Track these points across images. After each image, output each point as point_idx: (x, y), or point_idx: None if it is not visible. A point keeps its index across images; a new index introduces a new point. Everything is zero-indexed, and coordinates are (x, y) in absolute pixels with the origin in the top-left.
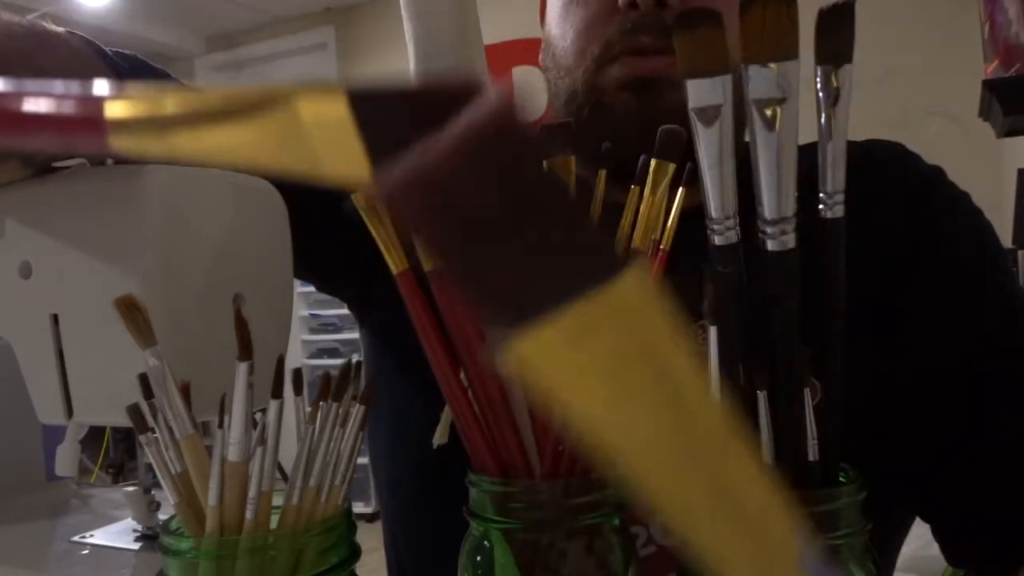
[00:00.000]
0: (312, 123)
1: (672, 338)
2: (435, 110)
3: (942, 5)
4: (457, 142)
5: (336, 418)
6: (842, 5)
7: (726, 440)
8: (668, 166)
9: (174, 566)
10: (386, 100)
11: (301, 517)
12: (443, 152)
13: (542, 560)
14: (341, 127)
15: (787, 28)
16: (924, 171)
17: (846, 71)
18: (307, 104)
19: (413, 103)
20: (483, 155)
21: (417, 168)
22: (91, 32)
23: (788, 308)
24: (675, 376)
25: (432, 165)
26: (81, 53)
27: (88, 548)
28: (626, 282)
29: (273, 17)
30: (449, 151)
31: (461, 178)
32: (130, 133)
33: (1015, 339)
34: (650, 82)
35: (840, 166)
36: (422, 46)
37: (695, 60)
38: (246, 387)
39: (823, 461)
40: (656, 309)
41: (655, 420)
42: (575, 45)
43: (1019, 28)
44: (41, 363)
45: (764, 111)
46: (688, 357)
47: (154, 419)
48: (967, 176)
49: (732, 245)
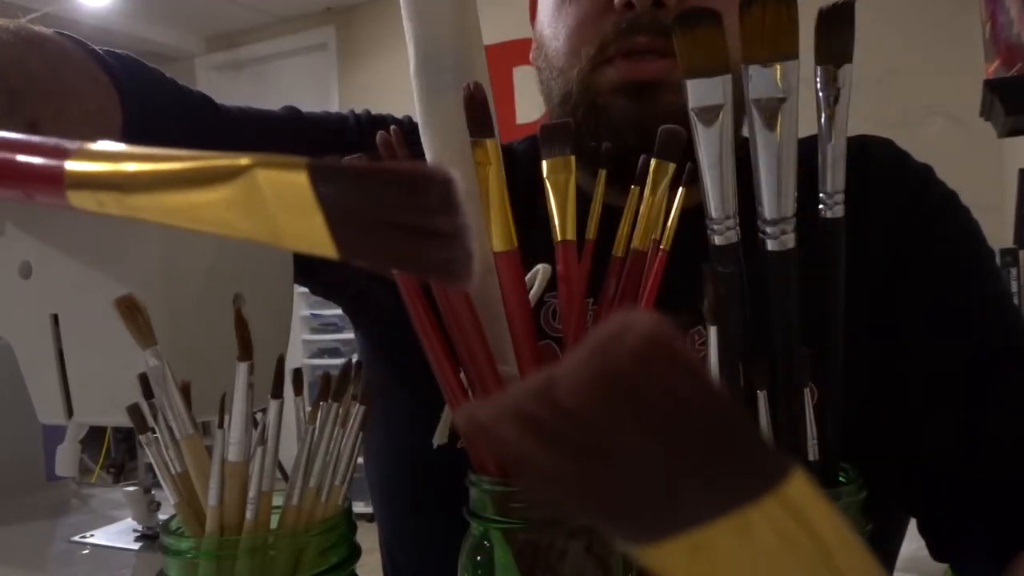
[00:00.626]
0: (272, 193)
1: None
2: (395, 191)
3: (942, 5)
4: (596, 382)
5: (336, 418)
6: (842, 5)
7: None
8: (668, 166)
9: (174, 566)
10: (345, 176)
11: (301, 517)
12: (580, 390)
13: (542, 560)
14: (301, 198)
15: (787, 28)
16: (918, 170)
17: (846, 71)
18: (267, 174)
19: (373, 182)
20: (630, 396)
21: (550, 401)
22: (91, 32)
23: (788, 308)
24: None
25: (570, 401)
26: (73, 55)
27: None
28: (792, 488)
29: (273, 17)
30: (588, 390)
31: (605, 418)
32: (89, 191)
33: (1006, 339)
34: (647, 86)
35: (840, 166)
36: (422, 46)
37: (695, 60)
38: (246, 387)
39: (823, 461)
40: (823, 514)
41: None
42: (568, 45)
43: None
44: (41, 363)
45: (764, 111)
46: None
47: (154, 419)
48: (968, 176)
49: (732, 245)
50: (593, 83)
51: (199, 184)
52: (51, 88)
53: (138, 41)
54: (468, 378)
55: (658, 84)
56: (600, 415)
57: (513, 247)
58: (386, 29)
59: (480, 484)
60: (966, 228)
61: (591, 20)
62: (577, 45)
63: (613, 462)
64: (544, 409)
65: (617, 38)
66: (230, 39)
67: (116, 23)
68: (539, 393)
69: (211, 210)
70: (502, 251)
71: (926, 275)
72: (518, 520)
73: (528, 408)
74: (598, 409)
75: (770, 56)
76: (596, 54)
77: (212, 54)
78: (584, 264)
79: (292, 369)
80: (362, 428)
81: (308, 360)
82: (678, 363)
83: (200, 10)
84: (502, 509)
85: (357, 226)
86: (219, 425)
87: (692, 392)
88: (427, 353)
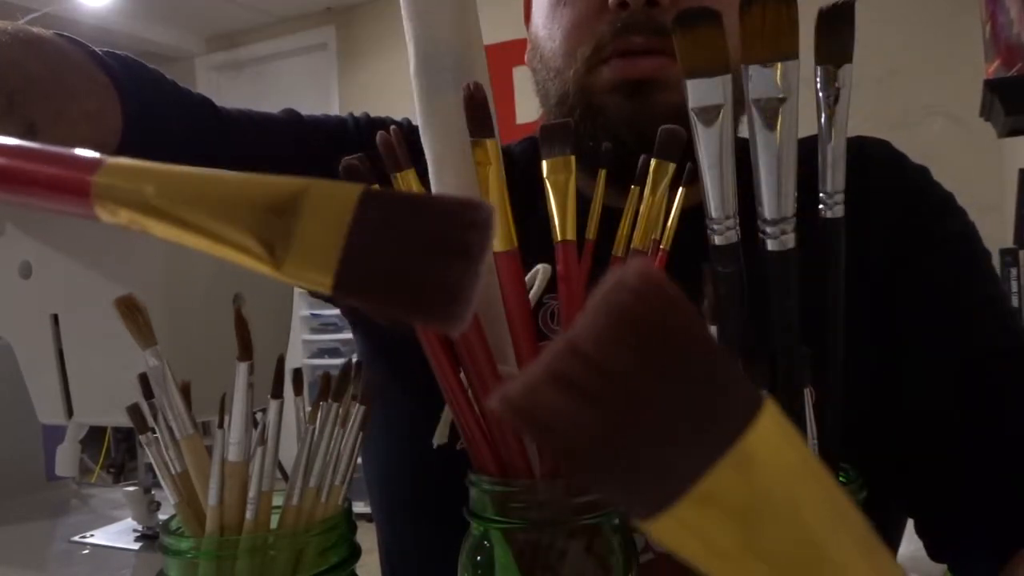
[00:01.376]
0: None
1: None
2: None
3: (942, 5)
4: (606, 322)
5: (336, 418)
6: (842, 5)
7: None
8: (668, 166)
9: (174, 566)
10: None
11: (301, 517)
12: (595, 333)
13: (542, 560)
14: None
15: (787, 28)
16: (916, 172)
17: (846, 71)
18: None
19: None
20: (634, 330)
21: (569, 350)
22: (91, 32)
23: (788, 308)
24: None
25: (586, 345)
26: (72, 56)
27: (88, 548)
28: (761, 427)
29: (273, 17)
30: (602, 330)
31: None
32: (115, 209)
33: (1003, 340)
34: (642, 85)
35: (840, 166)
36: (422, 46)
37: (695, 60)
38: (246, 387)
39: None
40: (793, 448)
41: None
42: (564, 46)
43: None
44: (41, 363)
45: (764, 111)
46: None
47: (154, 419)
48: (968, 176)
49: (732, 245)
50: (589, 83)
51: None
52: (50, 89)
53: (138, 41)
54: (468, 378)
55: (653, 82)
56: (621, 358)
57: (513, 247)
58: (386, 29)
59: (480, 484)
60: (963, 230)
61: (586, 21)
62: (573, 46)
63: (635, 413)
64: (575, 365)
65: (613, 38)
66: (230, 39)
67: (116, 23)
68: (566, 351)
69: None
70: (502, 251)
71: (924, 276)
72: (518, 520)
73: (560, 367)
74: (619, 352)
75: (770, 56)
76: (592, 55)
77: (212, 54)
78: (584, 264)
79: (292, 369)
80: (362, 428)
81: (308, 360)
82: (669, 298)
83: (200, 10)
84: (502, 509)
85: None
86: (219, 425)
87: (680, 323)
88: (427, 353)
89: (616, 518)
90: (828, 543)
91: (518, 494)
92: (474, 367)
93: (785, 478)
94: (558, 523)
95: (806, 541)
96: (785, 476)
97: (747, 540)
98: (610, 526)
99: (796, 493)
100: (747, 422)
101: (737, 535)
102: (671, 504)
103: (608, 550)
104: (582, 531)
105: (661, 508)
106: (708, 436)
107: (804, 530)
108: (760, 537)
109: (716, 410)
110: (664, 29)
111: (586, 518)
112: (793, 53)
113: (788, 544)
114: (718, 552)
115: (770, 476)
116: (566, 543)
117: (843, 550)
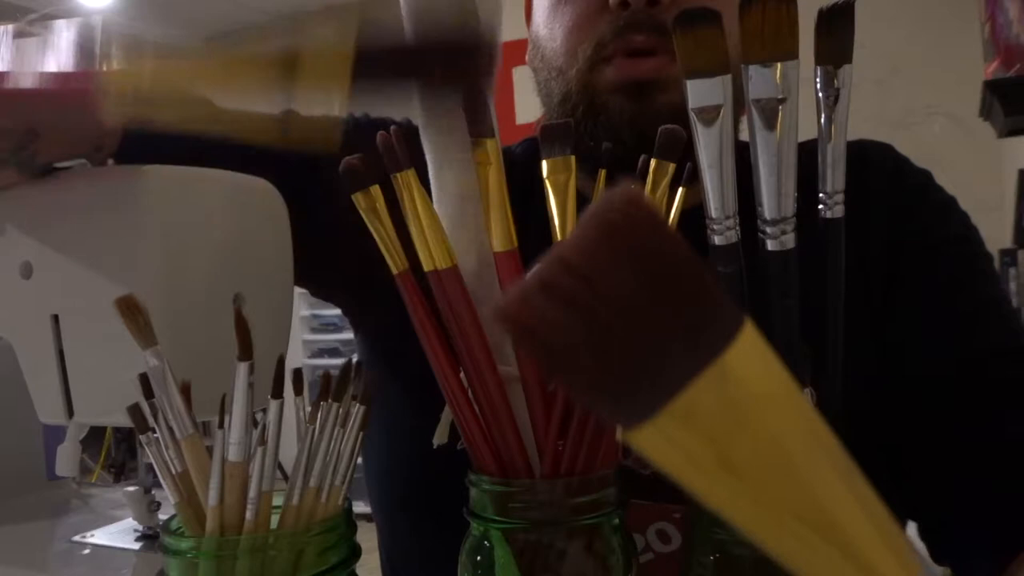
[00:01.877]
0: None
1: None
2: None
3: (942, 5)
4: (594, 234)
5: (336, 418)
6: (842, 5)
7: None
8: (668, 166)
9: (174, 566)
10: None
11: (301, 517)
12: (584, 245)
13: (542, 560)
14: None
15: (787, 28)
16: (918, 175)
17: (846, 71)
18: None
19: None
20: (619, 241)
21: (560, 263)
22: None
23: (788, 308)
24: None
25: (575, 258)
26: None
27: (88, 548)
28: (741, 345)
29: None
30: (590, 241)
31: (604, 266)
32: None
33: (1004, 341)
34: (644, 85)
35: (840, 166)
36: None
37: (695, 60)
38: (246, 387)
39: None
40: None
41: None
42: (565, 45)
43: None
44: (41, 363)
45: (764, 111)
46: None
47: (154, 419)
48: (967, 176)
49: (732, 245)
50: (592, 82)
51: None
52: None
53: None
54: (468, 378)
55: (655, 83)
56: (606, 270)
57: (513, 247)
58: None
59: (480, 484)
60: (965, 233)
61: (587, 20)
62: (574, 45)
63: (619, 322)
64: (563, 275)
65: (614, 37)
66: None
67: (116, 23)
68: (554, 262)
69: None
70: (502, 251)
71: (925, 278)
72: (518, 520)
73: (549, 276)
74: (604, 264)
75: (770, 56)
76: (593, 54)
77: None
78: None
79: (292, 369)
80: (362, 428)
81: (308, 360)
82: (654, 217)
83: (200, 10)
84: (502, 509)
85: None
86: (219, 425)
87: (664, 240)
88: (427, 353)
89: (616, 518)
90: (799, 459)
91: (518, 494)
92: (474, 367)
93: (761, 394)
94: (558, 523)
95: (777, 456)
96: (761, 392)
97: (720, 454)
98: (610, 526)
99: (770, 409)
100: (728, 339)
101: (713, 448)
102: (653, 414)
103: (608, 550)
104: (582, 531)
105: (644, 418)
106: (690, 350)
107: (776, 445)
108: (734, 451)
109: (698, 326)
110: (665, 28)
111: (586, 518)
112: (793, 53)
113: (760, 458)
114: (697, 465)
115: (746, 392)
116: (566, 543)
117: (815, 466)
